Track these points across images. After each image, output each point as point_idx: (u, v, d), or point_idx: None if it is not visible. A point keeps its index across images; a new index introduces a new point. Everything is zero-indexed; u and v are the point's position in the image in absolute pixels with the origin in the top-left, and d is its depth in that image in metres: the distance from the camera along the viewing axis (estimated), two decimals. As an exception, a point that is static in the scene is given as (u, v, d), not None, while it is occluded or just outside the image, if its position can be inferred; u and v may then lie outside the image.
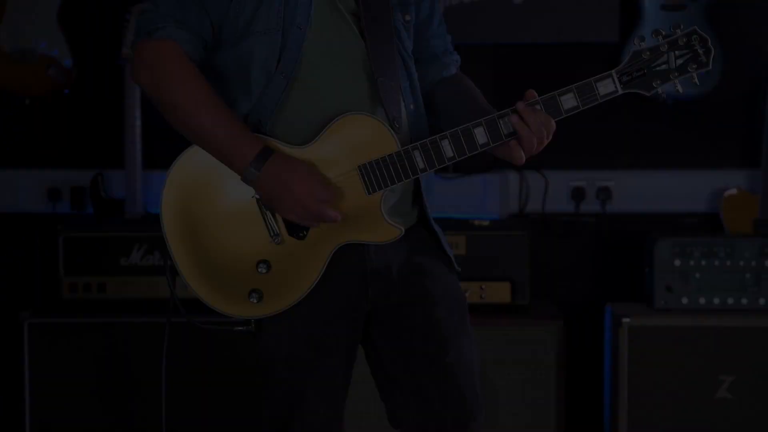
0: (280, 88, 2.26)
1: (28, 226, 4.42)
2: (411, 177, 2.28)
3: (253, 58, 2.27)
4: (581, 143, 4.43)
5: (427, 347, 2.37)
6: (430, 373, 2.37)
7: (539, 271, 4.18)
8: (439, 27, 2.51)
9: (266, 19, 2.26)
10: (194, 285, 2.30)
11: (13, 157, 4.44)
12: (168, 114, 2.27)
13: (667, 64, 2.25)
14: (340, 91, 2.29)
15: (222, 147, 2.23)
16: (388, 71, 2.32)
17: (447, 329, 2.38)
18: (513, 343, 3.71)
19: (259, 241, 2.27)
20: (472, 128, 2.26)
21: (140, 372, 3.66)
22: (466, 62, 4.27)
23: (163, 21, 2.24)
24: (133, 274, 3.74)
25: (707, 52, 2.24)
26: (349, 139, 2.25)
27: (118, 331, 3.68)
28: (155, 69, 2.24)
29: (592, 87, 2.25)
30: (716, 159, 4.40)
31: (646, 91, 2.26)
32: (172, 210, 2.29)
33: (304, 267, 2.28)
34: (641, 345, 3.74)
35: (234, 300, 2.29)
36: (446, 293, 2.41)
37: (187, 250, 2.29)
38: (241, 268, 2.28)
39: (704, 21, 4.19)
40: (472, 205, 4.28)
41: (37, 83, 4.26)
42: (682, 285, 3.80)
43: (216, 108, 2.23)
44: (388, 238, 2.31)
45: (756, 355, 3.73)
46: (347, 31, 2.32)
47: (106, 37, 4.30)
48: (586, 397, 4.22)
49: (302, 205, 2.20)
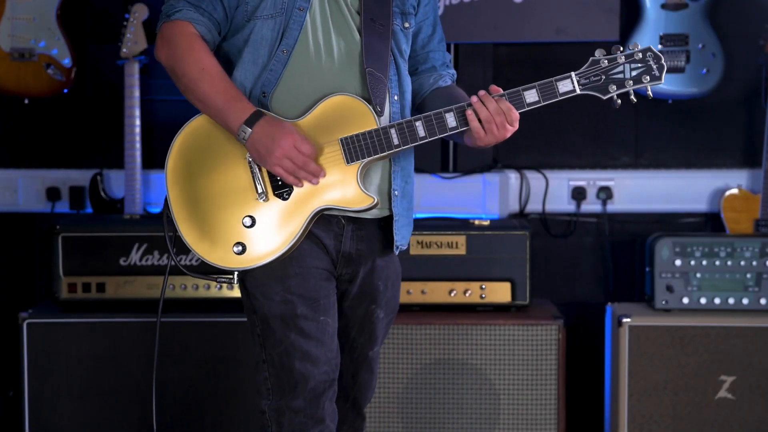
0: (282, 63, 2.57)
1: (28, 225, 4.42)
2: (387, 151, 2.56)
3: (260, 37, 2.58)
4: (581, 143, 4.43)
5: (358, 338, 2.73)
6: (352, 357, 2.74)
7: (539, 271, 4.18)
8: (440, 44, 2.81)
9: (273, 5, 2.58)
10: (184, 230, 2.57)
11: (13, 157, 4.44)
12: (178, 81, 2.59)
13: (623, 74, 2.55)
14: (333, 74, 2.59)
15: (220, 110, 2.54)
16: (377, 64, 2.61)
17: (379, 330, 2.76)
18: (513, 343, 3.70)
19: (247, 197, 2.56)
20: (443, 113, 2.56)
21: (139, 372, 3.66)
22: (466, 62, 4.32)
23: (180, 5, 2.59)
24: (133, 273, 3.74)
25: (660, 68, 2.55)
26: (335, 115, 2.57)
27: (118, 330, 3.68)
28: (170, 44, 2.59)
29: (553, 85, 2.55)
30: (717, 159, 4.40)
31: (602, 95, 2.56)
32: (175, 158, 2.59)
33: (284, 225, 2.55)
34: (641, 345, 3.74)
35: (219, 249, 2.56)
36: (389, 299, 2.76)
37: (182, 196, 2.57)
38: (228, 220, 2.56)
39: (704, 20, 4.19)
40: (472, 205, 4.28)
41: (36, 83, 4.26)
42: (682, 285, 3.79)
43: (218, 76, 2.56)
44: (362, 205, 2.58)
45: (756, 355, 3.73)
46: (344, 23, 2.62)
47: (106, 37, 4.30)
48: (586, 397, 4.22)
49: (288, 157, 2.49)
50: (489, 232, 3.80)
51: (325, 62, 2.59)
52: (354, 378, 2.77)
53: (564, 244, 4.42)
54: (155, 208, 4.28)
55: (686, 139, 4.41)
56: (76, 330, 3.68)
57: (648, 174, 4.40)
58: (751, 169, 4.32)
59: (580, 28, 4.21)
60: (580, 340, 4.23)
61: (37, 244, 4.37)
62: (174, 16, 2.60)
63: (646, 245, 3.88)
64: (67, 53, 4.24)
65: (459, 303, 3.78)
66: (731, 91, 4.31)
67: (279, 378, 2.59)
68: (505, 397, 3.71)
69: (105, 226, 3.82)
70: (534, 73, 4.36)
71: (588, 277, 4.44)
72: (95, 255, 3.74)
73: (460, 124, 2.55)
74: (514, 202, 4.38)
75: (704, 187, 4.35)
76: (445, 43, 2.83)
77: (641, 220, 4.39)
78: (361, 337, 2.74)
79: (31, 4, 4.22)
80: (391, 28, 2.65)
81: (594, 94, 2.56)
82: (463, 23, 4.17)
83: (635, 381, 3.74)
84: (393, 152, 2.58)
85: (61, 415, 3.69)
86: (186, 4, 2.60)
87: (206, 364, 3.66)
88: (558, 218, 4.42)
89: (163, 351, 3.58)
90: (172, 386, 3.64)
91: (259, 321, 2.61)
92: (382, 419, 3.71)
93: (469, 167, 4.31)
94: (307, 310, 2.58)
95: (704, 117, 4.39)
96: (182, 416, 3.65)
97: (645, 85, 2.55)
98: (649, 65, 2.54)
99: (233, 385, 3.65)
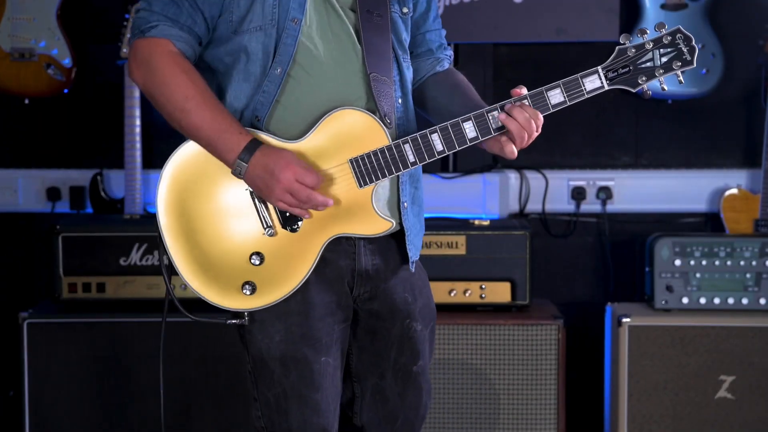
0: (276, 83, 2.30)
1: (28, 225, 4.42)
2: (402, 170, 2.33)
3: (249, 53, 2.31)
4: (581, 143, 4.43)
5: (399, 357, 2.48)
6: (396, 378, 2.49)
7: (539, 271, 4.18)
8: (435, 21, 2.55)
9: (261, 15, 2.29)
10: (189, 278, 2.33)
11: (13, 157, 4.44)
12: (161, 109, 2.32)
13: (652, 62, 2.30)
14: (334, 86, 2.33)
15: (211, 141, 2.28)
16: (380, 66, 2.37)
17: (420, 342, 2.50)
18: (513, 343, 3.70)
19: (252, 233, 2.32)
20: (461, 122, 2.30)
21: (139, 372, 3.66)
22: (466, 61, 4.32)
23: (156, 19, 2.30)
24: (133, 273, 3.73)
25: (691, 50, 2.29)
26: (341, 133, 2.30)
27: (118, 330, 3.68)
28: (148, 66, 2.30)
29: (579, 83, 2.31)
30: (716, 159, 4.40)
31: (632, 87, 2.31)
32: (168, 204, 2.33)
33: (296, 259, 2.32)
34: (641, 345, 3.74)
35: (228, 292, 2.33)
36: (423, 308, 2.51)
37: (182, 244, 2.33)
38: (234, 259, 2.32)
39: (704, 21, 4.19)
40: (472, 205, 4.28)
41: (36, 83, 4.26)
42: (682, 285, 3.79)
43: (205, 103, 2.28)
44: (379, 231, 2.36)
45: (756, 355, 3.73)
46: (342, 26, 2.36)
47: (106, 37, 4.30)
48: (586, 397, 4.22)
49: (290, 192, 2.25)
50: (489, 232, 3.80)
51: (323, 73, 2.33)
52: (401, 397, 2.51)
53: (564, 244, 4.42)
54: (155, 208, 4.28)
55: (686, 139, 4.41)
56: (76, 330, 3.68)
57: (648, 174, 4.40)
58: (751, 169, 4.32)
59: (580, 28, 4.21)
60: (580, 340, 4.23)
61: (37, 244, 4.37)
62: (149, 32, 2.30)
63: (645, 245, 3.88)
64: (67, 53, 4.24)
65: (459, 303, 3.78)
66: (731, 91, 4.31)
67: (272, 420, 2.40)
68: (505, 397, 3.71)
69: (105, 226, 3.82)
70: (534, 73, 4.37)
71: (588, 277, 4.44)
72: (95, 255, 3.73)
73: (481, 134, 2.31)
74: (514, 202, 4.38)
75: (704, 187, 4.35)
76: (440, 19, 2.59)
77: (641, 220, 4.39)
78: (403, 356, 2.48)
79: (31, 4, 4.22)
80: (389, 16, 2.40)
81: (623, 87, 2.32)
82: (463, 23, 4.17)
83: (635, 381, 3.74)
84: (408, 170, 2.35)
85: (61, 415, 3.69)
86: (162, 17, 2.30)
87: (206, 364, 3.66)
88: (558, 218, 4.42)
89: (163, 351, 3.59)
90: (172, 386, 3.64)
91: (252, 359, 2.39)
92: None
93: (469, 167, 4.31)
94: (308, 351, 2.36)
95: (704, 117, 4.39)
96: (182, 416, 3.65)
97: (676, 71, 2.30)
98: (680, 48, 2.28)
99: (233, 385, 3.65)
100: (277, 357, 2.36)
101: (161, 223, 2.33)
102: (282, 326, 2.35)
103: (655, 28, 2.30)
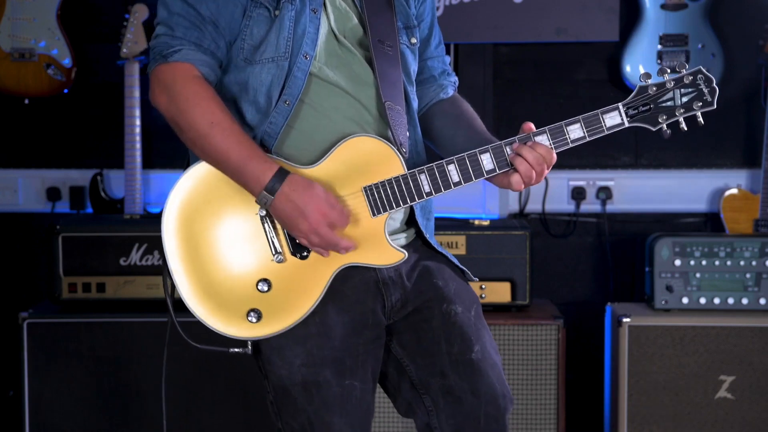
0: (284, 116, 2.26)
1: (28, 225, 4.42)
2: (417, 201, 2.27)
3: (259, 83, 2.27)
4: (581, 143, 4.42)
5: (451, 347, 2.36)
6: (458, 372, 2.36)
7: (539, 271, 4.18)
8: (437, 48, 2.52)
9: (275, 47, 2.26)
10: (192, 305, 2.26)
11: (13, 157, 4.44)
12: (183, 135, 2.25)
13: (673, 101, 2.29)
14: (348, 116, 2.29)
15: (236, 169, 2.21)
16: (394, 96, 2.32)
17: (467, 326, 2.38)
18: (513, 343, 3.70)
19: (260, 259, 2.25)
20: (479, 154, 2.26)
21: (140, 372, 3.66)
22: (466, 61, 4.32)
23: (179, 44, 2.25)
24: (133, 273, 3.73)
25: (712, 91, 2.29)
26: (355, 160, 2.25)
27: (118, 331, 3.67)
28: (171, 91, 2.23)
29: (599, 119, 2.28)
30: (716, 159, 4.40)
31: (652, 126, 2.30)
32: (175, 227, 2.26)
33: (305, 287, 2.26)
34: (641, 345, 3.74)
35: (232, 319, 2.26)
36: (459, 291, 2.40)
37: (186, 270, 2.26)
38: (241, 286, 2.25)
39: (704, 21, 4.19)
40: (472, 205, 4.28)
41: (36, 83, 4.26)
42: (682, 285, 3.79)
43: (230, 130, 2.21)
44: (391, 262, 2.29)
45: (756, 355, 3.73)
46: (353, 58, 2.33)
47: (106, 37, 4.30)
48: (586, 396, 4.22)
49: (317, 234, 2.20)
50: (489, 232, 3.80)
51: (337, 103, 2.29)
52: (474, 394, 2.37)
53: (564, 244, 4.42)
54: (155, 207, 4.29)
55: (686, 139, 4.40)
56: (76, 330, 3.68)
57: (648, 174, 4.40)
58: (751, 169, 4.33)
59: (580, 28, 4.21)
60: (580, 340, 4.23)
61: (37, 244, 4.37)
62: (172, 57, 2.24)
63: (645, 245, 3.88)
64: (67, 53, 4.24)
65: (459, 303, 3.78)
66: (731, 91, 4.30)
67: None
68: (505, 397, 3.71)
69: (105, 226, 3.81)
70: (534, 73, 4.37)
71: (588, 277, 4.44)
72: (95, 255, 3.73)
73: (498, 167, 2.27)
74: (514, 202, 4.38)
75: (704, 187, 4.36)
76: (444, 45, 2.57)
77: (641, 220, 4.39)
78: (455, 346, 2.36)
79: (31, 4, 4.22)
80: (398, 48, 2.36)
81: (643, 125, 2.30)
82: (463, 23, 4.17)
83: (635, 381, 3.74)
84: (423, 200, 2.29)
85: (61, 415, 3.68)
86: (185, 42, 2.24)
87: (206, 365, 3.66)
88: (558, 218, 4.42)
89: (163, 351, 3.59)
90: (172, 386, 3.63)
91: (273, 388, 2.32)
92: (381, 419, 3.71)
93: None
94: (330, 375, 2.28)
95: (704, 117, 4.37)
96: (182, 416, 3.65)
97: (696, 112, 2.30)
98: (701, 89, 2.29)
99: (233, 385, 3.65)
100: (299, 382, 2.28)
101: (166, 246, 2.27)
102: (302, 350, 2.28)
103: (677, 68, 2.30)
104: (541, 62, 4.38)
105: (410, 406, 2.42)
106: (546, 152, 2.27)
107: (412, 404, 2.42)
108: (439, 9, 4.17)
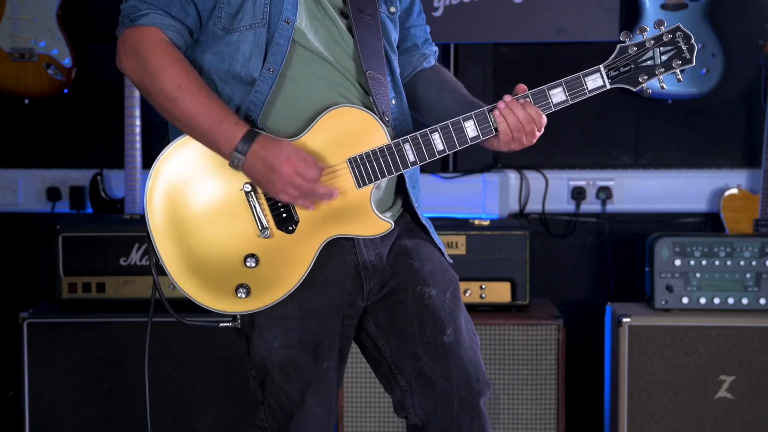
0: (269, 83, 2.25)
1: (28, 225, 4.42)
2: (401, 170, 2.29)
3: (240, 53, 2.26)
4: (581, 143, 4.43)
5: (423, 330, 2.37)
6: (430, 355, 2.36)
7: (539, 271, 4.18)
8: (419, 17, 2.52)
9: (252, 14, 2.25)
10: (180, 282, 2.28)
11: (13, 157, 4.44)
12: (152, 99, 2.25)
13: (653, 60, 2.30)
14: (330, 85, 2.29)
15: (206, 132, 2.21)
16: (375, 65, 2.33)
17: (440, 308, 2.38)
18: (513, 343, 3.70)
19: (247, 235, 2.26)
20: (462, 121, 2.28)
21: (139, 372, 3.65)
22: (466, 61, 4.32)
23: (146, 8, 2.24)
24: (133, 273, 3.73)
25: (690, 48, 2.29)
26: (339, 131, 2.26)
27: (118, 330, 3.67)
28: (138, 55, 2.23)
29: (581, 81, 2.30)
30: (716, 159, 4.40)
31: (633, 86, 2.31)
32: (157, 207, 2.26)
33: (292, 261, 2.27)
34: (641, 345, 3.74)
35: (221, 295, 2.27)
36: (435, 273, 2.41)
37: (172, 247, 2.26)
38: (228, 262, 2.26)
39: (704, 21, 4.19)
40: (472, 205, 4.28)
41: (36, 83, 4.26)
42: (682, 285, 3.79)
43: (199, 91, 2.22)
44: (378, 232, 2.31)
45: (756, 355, 3.72)
46: (335, 26, 2.33)
47: (106, 37, 4.29)
48: (586, 396, 4.22)
49: (293, 185, 2.20)
50: (489, 232, 3.80)
51: (319, 72, 2.29)
52: (446, 377, 2.37)
53: (564, 244, 4.42)
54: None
55: (686, 139, 4.41)
56: (76, 330, 3.68)
57: (648, 174, 4.40)
58: (751, 169, 4.33)
59: (580, 28, 4.21)
60: (580, 340, 4.23)
61: (37, 244, 4.37)
62: (139, 20, 2.23)
63: (645, 245, 3.88)
64: (67, 53, 4.24)
65: (459, 303, 3.78)
66: (731, 91, 4.31)
67: (277, 420, 2.38)
68: (505, 397, 3.71)
69: (105, 226, 3.81)
70: (534, 73, 4.37)
71: (588, 277, 4.44)
72: (95, 255, 3.73)
73: (482, 133, 2.28)
74: (514, 202, 4.38)
75: (704, 187, 4.36)
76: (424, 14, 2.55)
77: (641, 220, 4.39)
78: (427, 329, 2.36)
79: (31, 4, 4.22)
80: (379, 17, 2.37)
81: (625, 86, 2.31)
82: (463, 23, 4.17)
83: (635, 381, 3.74)
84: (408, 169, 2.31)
85: (61, 415, 3.68)
86: (152, 7, 2.23)
87: (206, 364, 3.66)
88: (558, 218, 4.42)
89: (163, 351, 3.60)
90: (172, 386, 3.64)
91: (254, 365, 2.36)
92: (381, 418, 3.71)
93: (469, 167, 4.32)
94: (308, 357, 2.32)
95: (704, 117, 4.39)
96: (182, 416, 3.65)
97: (675, 70, 2.30)
98: (679, 47, 2.28)
99: (233, 385, 3.65)
100: (277, 363, 2.32)
101: (150, 224, 2.27)
102: (280, 332, 2.31)
103: (655, 25, 2.30)
104: (541, 62, 4.38)
105: (389, 383, 2.45)
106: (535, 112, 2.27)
107: (390, 382, 2.44)
108: (439, 9, 4.17)
